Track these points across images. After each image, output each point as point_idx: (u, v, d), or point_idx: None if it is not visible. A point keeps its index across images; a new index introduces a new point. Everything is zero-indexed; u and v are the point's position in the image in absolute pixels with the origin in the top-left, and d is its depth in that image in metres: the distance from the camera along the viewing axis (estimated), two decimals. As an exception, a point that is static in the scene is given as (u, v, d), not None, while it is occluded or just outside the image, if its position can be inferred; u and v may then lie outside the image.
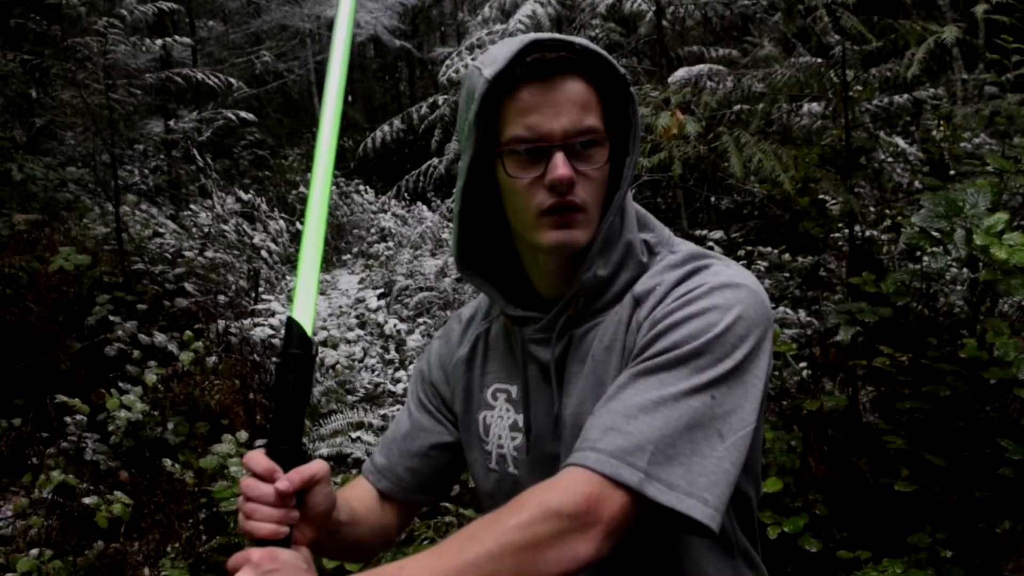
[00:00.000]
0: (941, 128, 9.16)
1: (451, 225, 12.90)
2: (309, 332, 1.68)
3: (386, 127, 12.02)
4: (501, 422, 1.99)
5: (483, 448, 2.03)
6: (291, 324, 1.68)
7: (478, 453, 2.04)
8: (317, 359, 1.93)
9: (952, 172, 8.06)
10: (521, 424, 1.94)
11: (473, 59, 9.04)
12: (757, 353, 1.68)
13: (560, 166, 1.73)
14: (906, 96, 8.59)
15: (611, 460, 1.56)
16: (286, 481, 1.62)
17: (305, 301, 1.69)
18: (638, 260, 1.86)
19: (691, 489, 1.54)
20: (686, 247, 1.89)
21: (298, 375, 1.66)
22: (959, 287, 6.76)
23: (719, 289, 1.71)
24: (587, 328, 1.86)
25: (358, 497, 2.09)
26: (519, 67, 1.74)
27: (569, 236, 1.78)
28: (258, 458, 1.65)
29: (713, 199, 10.69)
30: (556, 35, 1.80)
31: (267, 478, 1.63)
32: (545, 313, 1.91)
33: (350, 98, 24.90)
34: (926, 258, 5.54)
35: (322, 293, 10.86)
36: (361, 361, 8.10)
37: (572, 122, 1.75)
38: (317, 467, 1.68)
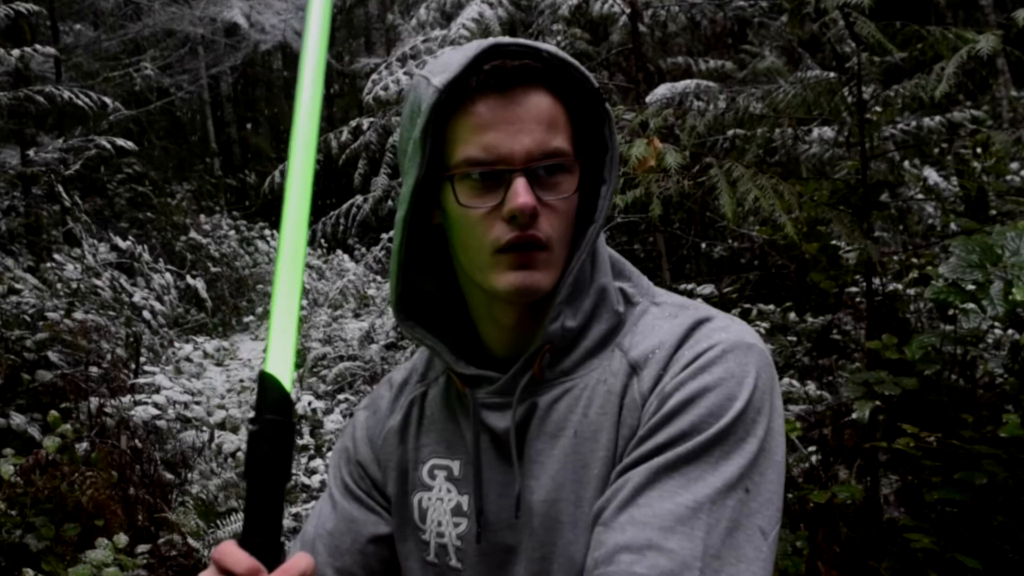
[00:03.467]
0: (980, 158, 9.11)
1: (379, 279, 12.87)
2: (288, 388, 1.62)
3: None
4: (440, 505, 1.99)
5: (419, 537, 2.02)
6: (264, 381, 1.61)
7: (413, 544, 2.04)
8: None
9: (993, 212, 8.12)
10: (467, 508, 1.95)
11: (406, 73, 9.13)
12: (775, 423, 1.73)
13: (521, 194, 1.74)
14: (937, 119, 8.69)
15: None
16: None
17: (281, 348, 1.62)
18: (613, 309, 1.89)
19: None
20: (670, 297, 1.94)
21: (275, 447, 1.59)
22: (1000, 352, 6.76)
23: (732, 352, 1.75)
24: (556, 393, 1.87)
25: None
26: (475, 76, 1.76)
27: (530, 279, 1.79)
28: (236, 554, 1.55)
29: (703, 246, 10.74)
30: (520, 40, 1.82)
31: None
32: (501, 373, 1.91)
33: (249, 126, 24.93)
34: (959, 316, 5.61)
35: (219, 364, 10.88)
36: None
37: (536, 143, 1.76)
38: (304, 563, 1.58)
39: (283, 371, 1.60)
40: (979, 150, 9.02)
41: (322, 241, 12.65)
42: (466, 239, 1.82)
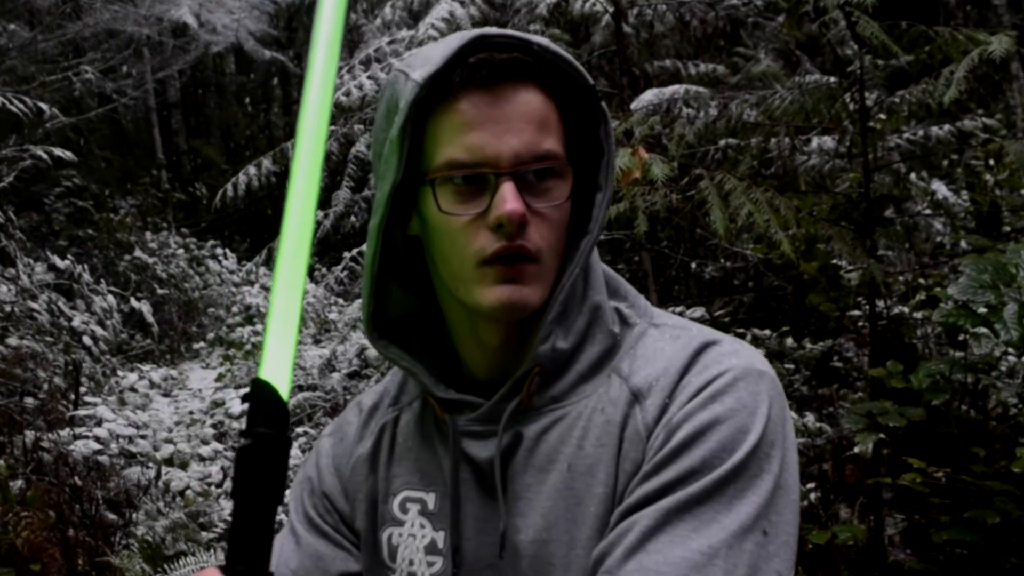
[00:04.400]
0: (993, 170, 9.08)
1: (341, 301, 12.88)
2: (285, 397, 1.56)
3: (252, 169, 11.63)
4: (412, 542, 1.95)
5: None
6: (258, 388, 1.54)
7: None
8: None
9: (1007, 228, 8.12)
10: (442, 545, 1.92)
11: (370, 77, 9.14)
12: (789, 457, 1.73)
13: (509, 200, 1.72)
14: (947, 127, 8.70)
15: None
16: None
17: (279, 352, 1.57)
18: (608, 330, 1.87)
19: None
20: (670, 318, 1.93)
21: (268, 465, 1.53)
22: (1014, 381, 6.77)
23: (743, 379, 1.75)
24: (545, 422, 1.84)
25: None
26: (459, 69, 1.74)
27: (518, 294, 1.77)
28: None
29: (692, 265, 10.76)
30: (508, 31, 1.82)
31: None
32: (485, 398, 1.87)
33: (199, 136, 24.88)
34: (970, 342, 5.60)
35: (166, 395, 10.87)
36: (220, 486, 8.10)
37: (525, 144, 1.75)
38: None
39: (280, 378, 1.55)
40: (992, 162, 8.99)
41: None
42: (447, 250, 1.80)
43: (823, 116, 6.66)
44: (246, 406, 1.54)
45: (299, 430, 9.45)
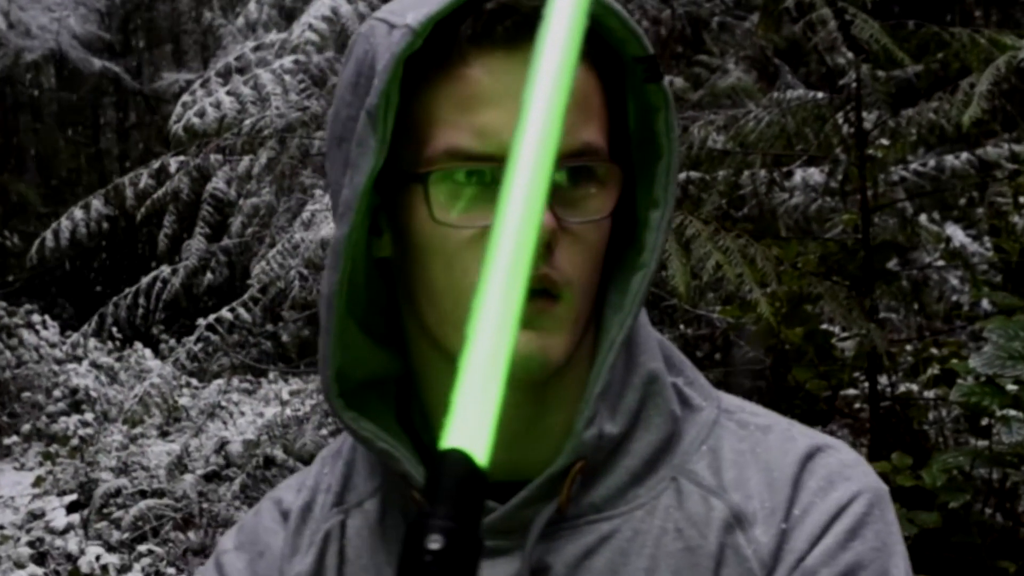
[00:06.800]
0: (1023, 209, 8.92)
1: (194, 382, 12.86)
2: (483, 470, 1.09)
3: (79, 213, 11.27)
4: None
5: None
6: (447, 462, 1.03)
7: None
8: None
9: (1042, 283, 8.18)
10: None
11: (231, 93, 9.09)
12: None
13: None
14: (965, 156, 8.72)
15: None
16: None
17: (478, 402, 1.07)
18: (669, 411, 1.72)
19: None
20: (740, 402, 1.84)
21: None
22: None
23: (877, 505, 1.67)
24: (588, 542, 1.66)
25: None
26: (471, 18, 1.56)
27: (540, 344, 1.56)
28: None
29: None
30: None
31: None
32: (497, 500, 1.66)
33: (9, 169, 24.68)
34: (996, 427, 5.60)
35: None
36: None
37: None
38: None
39: (477, 442, 1.04)
40: (1021, 199, 8.83)
41: (113, 330, 12.31)
42: (437, 278, 1.59)
43: (809, 142, 6.67)
44: (74, 518, 1.40)
45: (141, 548, 9.38)
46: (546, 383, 1.62)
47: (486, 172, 1.55)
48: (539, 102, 1.13)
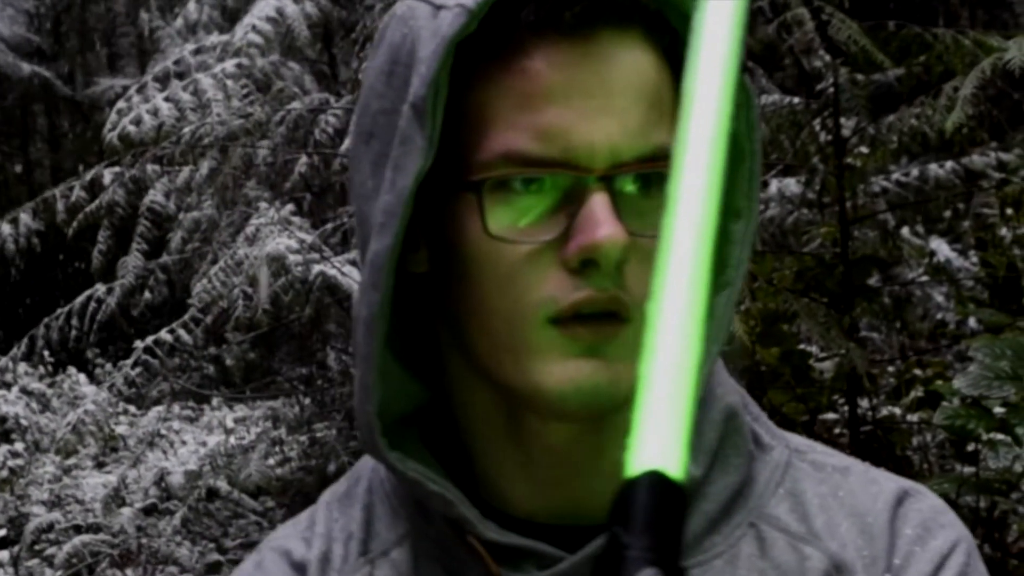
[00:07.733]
0: (1011, 221, 8.98)
1: (133, 409, 12.66)
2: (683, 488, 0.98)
3: (7, 227, 11.58)
4: None
5: None
6: (639, 488, 0.92)
7: None
8: None
9: (1030, 300, 8.10)
10: None
11: (169, 99, 9.14)
12: None
13: (604, 221, 1.33)
14: (949, 165, 8.68)
15: None
16: None
17: (664, 423, 0.94)
18: (748, 451, 1.58)
19: None
20: (804, 441, 1.69)
21: None
22: None
23: (972, 553, 1.55)
24: None
25: None
26: (533, 2, 1.38)
27: (606, 374, 1.39)
28: None
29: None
30: None
31: None
32: (555, 543, 1.49)
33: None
34: (984, 452, 5.61)
35: None
36: None
37: (629, 132, 1.38)
38: None
39: (670, 459, 0.92)
40: (1009, 211, 8.83)
41: (45, 354, 12.33)
42: (490, 298, 1.43)
43: (784, 151, 6.68)
44: (3, 555, 1.11)
45: (76, 586, 9.27)
46: (608, 420, 1.44)
47: (546, 179, 1.40)
48: (706, 95, 1.01)
